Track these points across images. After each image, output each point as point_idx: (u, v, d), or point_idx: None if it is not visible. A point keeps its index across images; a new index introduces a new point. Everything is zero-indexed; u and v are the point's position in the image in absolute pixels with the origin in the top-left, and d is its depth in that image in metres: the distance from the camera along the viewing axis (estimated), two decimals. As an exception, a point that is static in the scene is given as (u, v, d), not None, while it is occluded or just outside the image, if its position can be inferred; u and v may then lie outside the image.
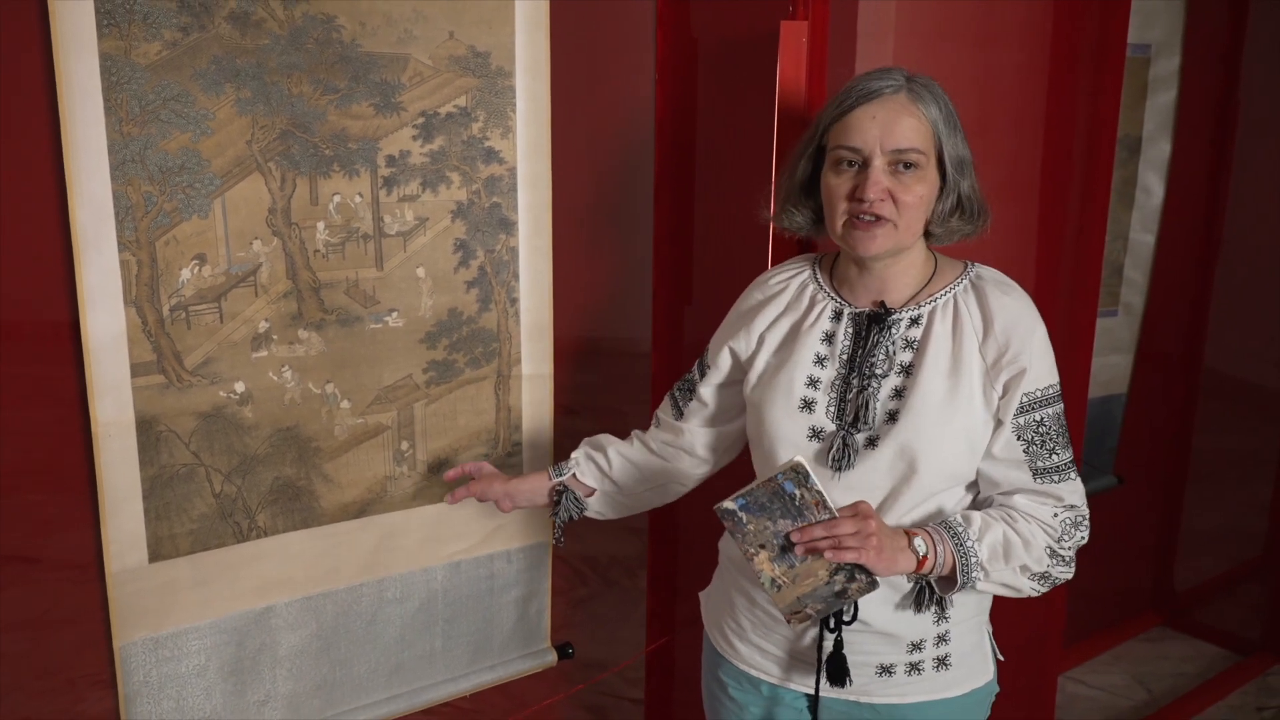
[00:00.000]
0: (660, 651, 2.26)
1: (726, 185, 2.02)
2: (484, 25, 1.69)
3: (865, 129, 1.32)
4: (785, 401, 1.41)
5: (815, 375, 1.41)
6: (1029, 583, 1.36)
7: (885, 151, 1.31)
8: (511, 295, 1.81)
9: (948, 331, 1.37)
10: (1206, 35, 2.99)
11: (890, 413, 1.35)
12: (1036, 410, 1.35)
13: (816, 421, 1.39)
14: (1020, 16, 2.01)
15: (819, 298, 1.46)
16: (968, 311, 1.37)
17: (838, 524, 1.22)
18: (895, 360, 1.37)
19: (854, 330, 1.41)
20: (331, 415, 1.67)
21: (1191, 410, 3.39)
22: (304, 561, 1.70)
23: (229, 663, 1.65)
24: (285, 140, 1.55)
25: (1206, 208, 3.21)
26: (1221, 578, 3.71)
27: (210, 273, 1.53)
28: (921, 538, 1.30)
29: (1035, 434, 1.35)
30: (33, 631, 1.54)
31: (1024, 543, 1.33)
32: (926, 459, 1.33)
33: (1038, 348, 1.35)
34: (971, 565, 1.31)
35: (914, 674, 1.42)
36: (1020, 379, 1.33)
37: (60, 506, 1.52)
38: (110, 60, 1.39)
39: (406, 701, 1.85)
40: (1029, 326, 1.35)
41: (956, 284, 1.40)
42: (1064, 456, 1.37)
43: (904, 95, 1.33)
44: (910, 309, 1.39)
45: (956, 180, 1.37)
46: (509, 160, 1.76)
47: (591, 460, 1.65)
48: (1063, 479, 1.37)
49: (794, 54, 1.69)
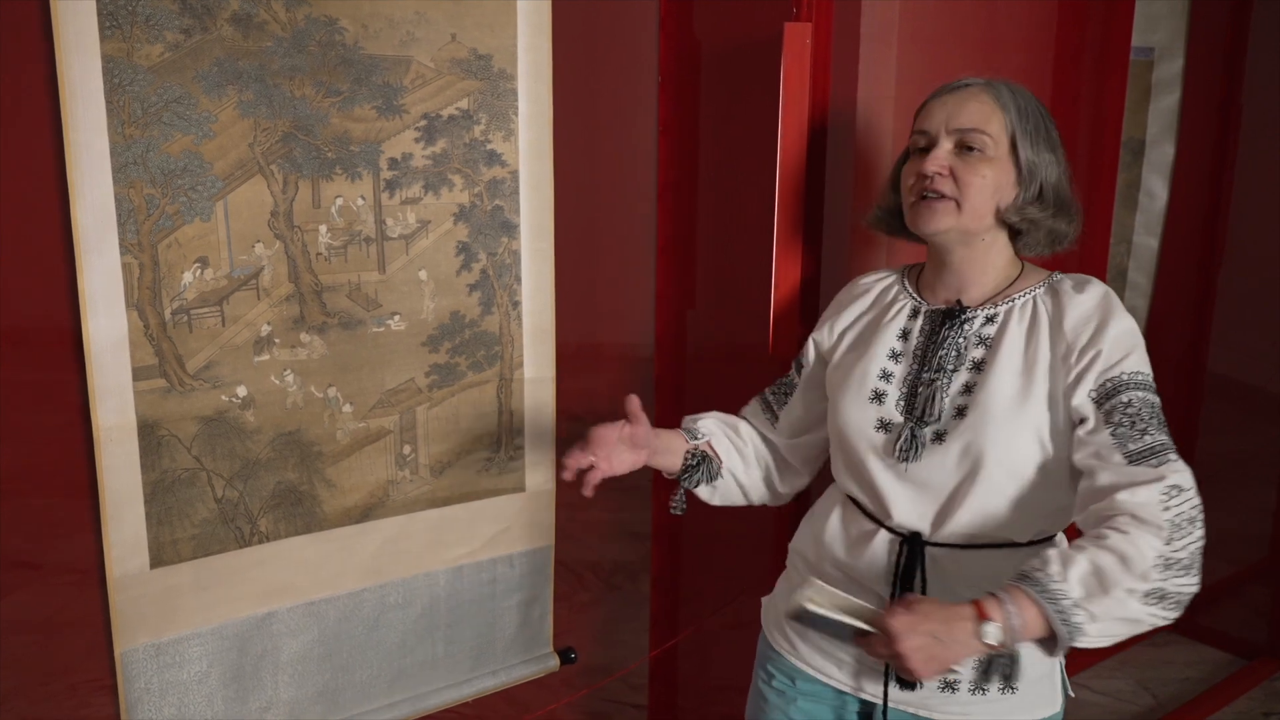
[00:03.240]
0: (663, 657, 2.25)
1: (730, 187, 2.01)
2: (486, 28, 1.69)
3: (935, 113, 1.37)
4: (857, 392, 1.41)
5: (889, 369, 1.40)
6: (1146, 609, 1.14)
7: (950, 131, 1.34)
8: (514, 298, 1.81)
9: (1023, 331, 1.34)
10: (1210, 38, 2.98)
11: (959, 408, 1.33)
12: (1124, 392, 1.25)
13: (885, 414, 1.38)
14: (1024, 19, 2.00)
15: (900, 297, 1.47)
16: (1045, 310, 1.34)
17: (873, 642, 1.16)
18: (967, 356, 1.35)
19: (929, 327, 1.41)
20: (334, 419, 1.67)
21: (1195, 414, 3.38)
22: (306, 567, 1.69)
23: (231, 669, 1.64)
24: (287, 143, 1.54)
25: (1210, 211, 3.20)
26: (1227, 581, 3.69)
27: (212, 276, 1.52)
28: (995, 615, 1.14)
29: (1124, 415, 1.24)
30: (35, 636, 1.53)
31: (1121, 560, 1.14)
32: (993, 456, 1.29)
33: (1113, 333, 1.28)
34: (1067, 610, 1.13)
35: (978, 694, 1.36)
36: (1094, 362, 1.27)
37: (62, 511, 1.51)
38: (112, 62, 1.38)
39: (409, 707, 1.84)
40: (1103, 316, 1.30)
41: (1038, 287, 1.38)
42: (1160, 438, 1.24)
43: (979, 88, 1.36)
44: (987, 307, 1.38)
45: (1034, 175, 1.35)
46: (511, 163, 1.76)
47: (724, 431, 1.57)
48: (1162, 461, 1.21)
49: (798, 56, 1.68)
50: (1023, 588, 1.15)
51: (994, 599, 1.15)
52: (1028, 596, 1.14)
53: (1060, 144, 1.39)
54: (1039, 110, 1.37)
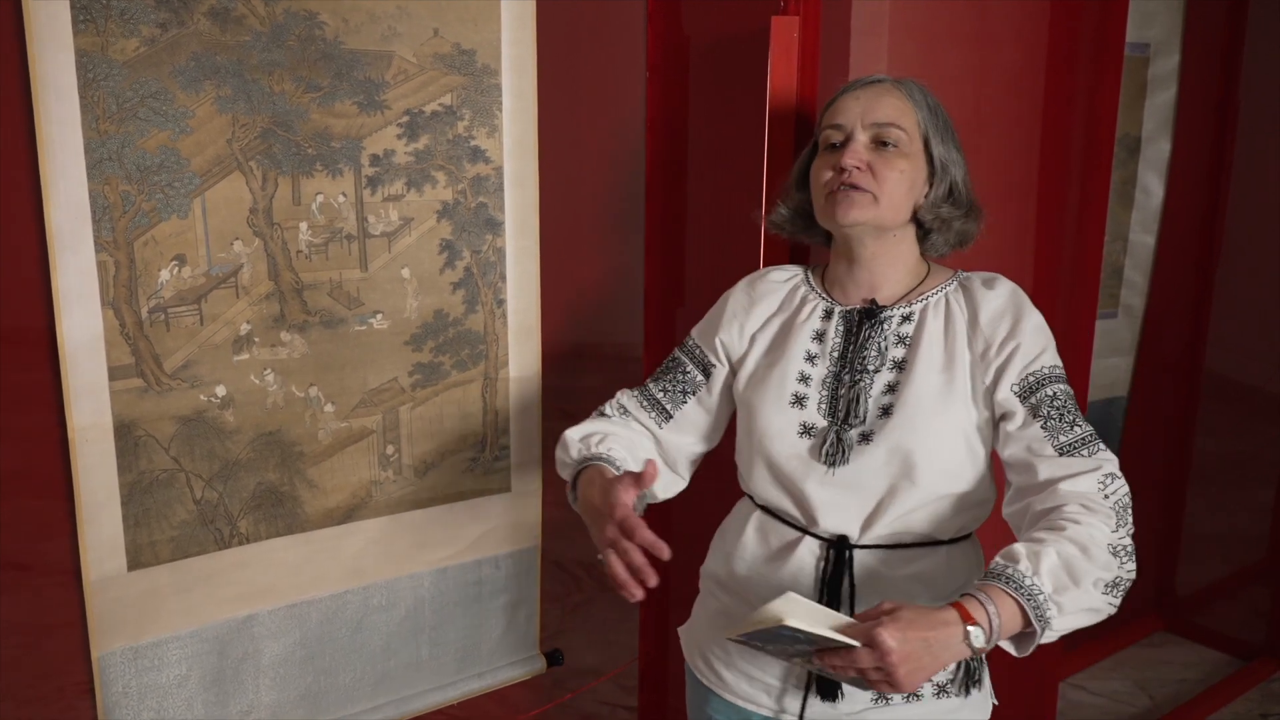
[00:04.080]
0: (654, 659, 2.23)
1: (719, 183, 1.99)
2: (469, 22, 1.67)
3: (849, 108, 1.35)
4: (777, 397, 1.37)
5: (806, 372, 1.37)
6: (1104, 599, 1.16)
7: (866, 125, 1.33)
8: (498, 296, 1.78)
9: (940, 328, 1.33)
10: (1206, 33, 2.96)
11: (884, 408, 1.31)
12: (1047, 386, 1.28)
13: (807, 417, 1.34)
14: (1017, 14, 1.98)
15: (810, 298, 1.43)
16: (959, 308, 1.34)
17: (857, 656, 1.08)
18: (888, 356, 1.34)
19: (845, 327, 1.38)
20: (315, 419, 1.64)
21: (1193, 413, 3.36)
22: (287, 569, 1.67)
23: (211, 672, 1.62)
24: (266, 139, 1.52)
25: (1207, 208, 3.18)
26: (1224, 582, 3.67)
27: (190, 274, 1.50)
28: (978, 617, 1.10)
29: (1050, 408, 1.26)
30: (13, 639, 1.51)
31: (1083, 550, 1.15)
32: (922, 455, 1.28)
33: (1028, 328, 1.30)
34: (1042, 605, 1.12)
35: (912, 700, 1.34)
36: (1013, 358, 1.28)
37: (38, 513, 1.49)
38: (86, 57, 1.36)
39: (393, 710, 1.82)
40: (1016, 312, 1.31)
41: (947, 285, 1.38)
42: (1087, 428, 1.26)
43: (889, 84, 1.36)
44: (901, 306, 1.37)
45: (945, 171, 1.36)
46: (495, 159, 1.73)
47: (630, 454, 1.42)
48: (1094, 451, 1.24)
49: (785, 50, 1.66)
50: (999, 585, 1.12)
51: (974, 600, 1.12)
52: (1005, 594, 1.12)
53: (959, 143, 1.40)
54: (944, 112, 1.38)
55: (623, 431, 1.45)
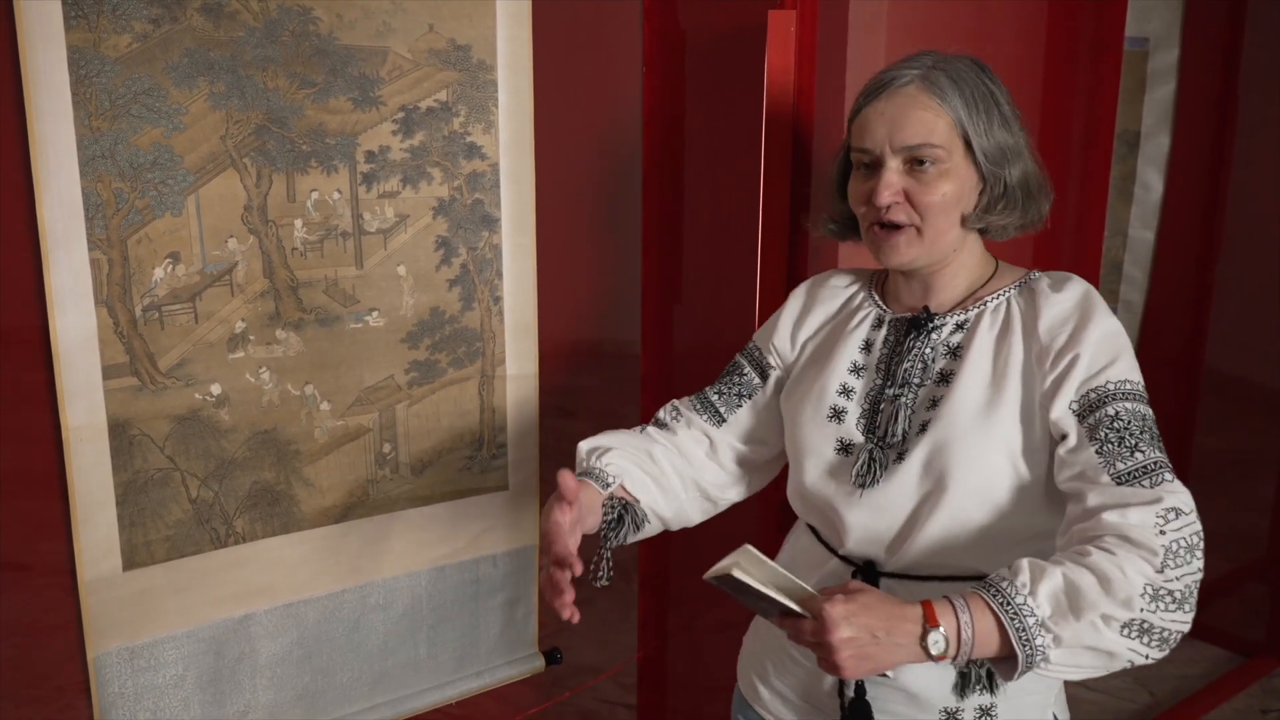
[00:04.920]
0: (652, 658, 2.23)
1: (716, 179, 1.98)
2: (464, 18, 1.66)
3: (874, 127, 1.20)
4: (815, 410, 1.28)
5: (850, 384, 1.27)
6: (1125, 642, 1.00)
7: (896, 150, 1.19)
8: (495, 294, 1.78)
9: (994, 336, 1.21)
10: (1205, 27, 2.95)
11: (923, 424, 1.19)
12: (1110, 404, 1.11)
13: (845, 433, 1.25)
14: (1016, 9, 1.98)
15: (865, 305, 1.34)
16: (1019, 313, 1.21)
17: (802, 626, 1.03)
18: (934, 369, 1.22)
19: (893, 337, 1.28)
20: (311, 417, 1.64)
21: (1193, 409, 3.35)
22: (284, 568, 1.66)
23: (207, 672, 1.61)
24: (261, 135, 1.51)
25: (1207, 203, 3.17)
26: (1224, 579, 3.66)
27: (184, 272, 1.49)
28: (944, 623, 1.00)
29: (1110, 430, 1.10)
30: (7, 641, 1.50)
31: (1102, 580, 0.99)
32: (957, 474, 1.15)
33: (1095, 336, 1.15)
34: (1030, 630, 0.99)
35: None
36: (1073, 369, 1.13)
37: (32, 513, 1.48)
38: (78, 53, 1.35)
39: (391, 710, 1.81)
40: (1083, 316, 1.16)
41: (1012, 288, 1.25)
42: (1153, 455, 1.09)
43: (915, 86, 1.19)
44: (956, 314, 1.25)
45: (995, 171, 1.21)
46: (491, 156, 1.72)
47: (636, 463, 1.35)
48: (1157, 482, 1.07)
49: (782, 44, 1.65)
50: (984, 595, 1.01)
51: (948, 604, 1.02)
52: (987, 606, 1.01)
53: (1014, 112, 1.24)
54: (984, 86, 1.22)
55: (635, 441, 1.38)
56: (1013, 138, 1.22)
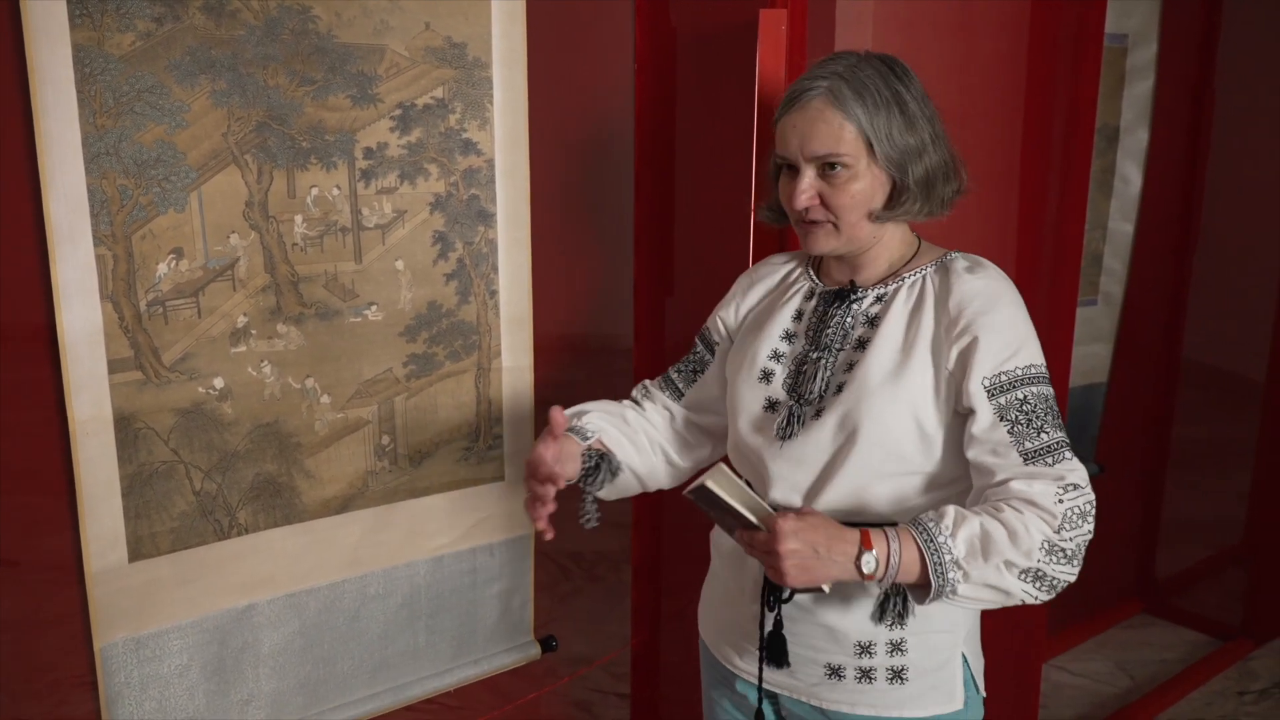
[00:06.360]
0: (646, 645, 2.26)
1: (707, 175, 2.01)
2: (460, 16, 1.68)
3: (789, 139, 1.33)
4: (749, 373, 1.42)
5: (780, 350, 1.41)
6: (1019, 583, 1.18)
7: (808, 159, 1.31)
8: (491, 288, 1.80)
9: (909, 309, 1.33)
10: (1183, 24, 3.00)
11: (840, 385, 1.32)
12: (1019, 388, 1.25)
13: (772, 393, 1.39)
14: (999, 6, 2.01)
15: (800, 280, 1.47)
16: (932, 289, 1.33)
17: (754, 537, 1.20)
18: (853, 335, 1.35)
19: (821, 307, 1.41)
20: (312, 410, 1.66)
21: (1171, 399, 3.41)
22: (285, 558, 1.68)
23: (211, 662, 1.64)
24: (262, 132, 1.53)
25: (1184, 196, 3.22)
26: (1202, 564, 3.73)
27: (187, 267, 1.51)
28: (877, 547, 1.18)
29: (1019, 412, 1.24)
30: (14, 633, 1.52)
31: (1010, 534, 1.17)
32: (867, 430, 1.28)
33: (1000, 321, 1.27)
34: (945, 565, 1.17)
35: (865, 681, 1.35)
36: (979, 345, 1.25)
37: (39, 506, 1.50)
38: (83, 52, 1.37)
39: (391, 698, 1.84)
40: (989, 300, 1.28)
41: (929, 266, 1.36)
42: (1055, 436, 1.25)
43: (821, 100, 1.29)
44: (877, 288, 1.38)
45: (899, 171, 1.31)
46: (487, 152, 1.75)
47: (611, 424, 1.50)
48: (1058, 459, 1.24)
49: (773, 42, 1.68)
50: (911, 531, 1.19)
51: (881, 533, 1.19)
52: (914, 540, 1.18)
53: (922, 110, 1.33)
54: (888, 91, 1.30)
55: (611, 407, 1.54)
56: (915, 138, 1.32)
